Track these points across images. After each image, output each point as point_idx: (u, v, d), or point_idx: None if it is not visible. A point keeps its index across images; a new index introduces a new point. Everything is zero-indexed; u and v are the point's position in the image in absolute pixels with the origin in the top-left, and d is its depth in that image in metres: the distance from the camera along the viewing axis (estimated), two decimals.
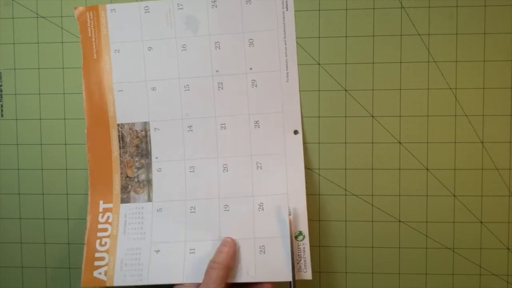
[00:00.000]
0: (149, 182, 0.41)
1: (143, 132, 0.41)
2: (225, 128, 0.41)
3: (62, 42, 0.43)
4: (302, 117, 0.41)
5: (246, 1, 0.41)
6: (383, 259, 0.41)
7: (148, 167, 0.41)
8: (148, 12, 0.41)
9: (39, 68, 0.43)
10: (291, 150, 0.40)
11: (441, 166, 0.41)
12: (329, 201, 0.41)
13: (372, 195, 0.41)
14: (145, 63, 0.41)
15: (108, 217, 0.41)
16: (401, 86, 0.41)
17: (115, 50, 0.41)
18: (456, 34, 0.40)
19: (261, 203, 0.40)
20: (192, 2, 0.41)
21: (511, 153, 0.40)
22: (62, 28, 0.42)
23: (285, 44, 0.41)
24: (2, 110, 0.43)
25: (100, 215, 0.41)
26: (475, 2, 0.40)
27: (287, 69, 0.41)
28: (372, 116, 0.41)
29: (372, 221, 0.41)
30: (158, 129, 0.41)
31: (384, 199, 0.41)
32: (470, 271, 0.41)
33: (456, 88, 0.40)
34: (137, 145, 0.41)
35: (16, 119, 0.43)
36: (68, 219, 0.43)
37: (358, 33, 0.41)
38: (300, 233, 0.39)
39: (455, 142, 0.40)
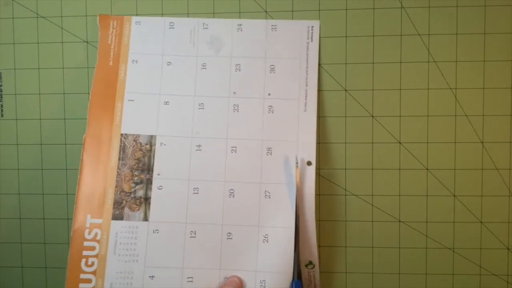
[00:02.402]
0: (146, 199, 0.39)
1: (148, 146, 0.40)
2: (235, 152, 0.39)
3: (62, 42, 0.42)
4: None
5: (272, 28, 0.40)
6: (383, 259, 0.41)
7: (147, 183, 0.39)
8: (173, 28, 0.41)
9: (39, 68, 0.43)
10: (302, 181, 0.39)
11: (441, 166, 0.41)
12: (329, 201, 0.41)
13: (372, 195, 0.41)
14: (162, 77, 0.40)
15: (96, 234, 0.38)
16: (401, 86, 0.41)
17: (133, 60, 0.41)
18: (456, 34, 0.40)
19: (266, 234, 0.38)
20: (218, 23, 0.41)
21: (511, 153, 0.40)
22: (62, 28, 0.42)
23: (307, 74, 0.40)
24: (2, 110, 0.43)
25: (87, 230, 0.38)
26: (475, 2, 0.40)
27: (306, 99, 0.40)
28: (372, 116, 0.41)
29: (372, 221, 0.41)
30: (165, 144, 0.39)
31: (384, 199, 0.41)
32: (470, 271, 0.41)
33: (456, 88, 0.40)
34: (139, 158, 0.39)
35: (16, 119, 0.43)
36: (68, 219, 0.43)
37: (358, 33, 0.41)
38: (310, 262, 0.38)
39: (455, 142, 0.40)
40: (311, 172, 0.39)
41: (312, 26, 0.40)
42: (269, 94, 0.40)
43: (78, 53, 0.42)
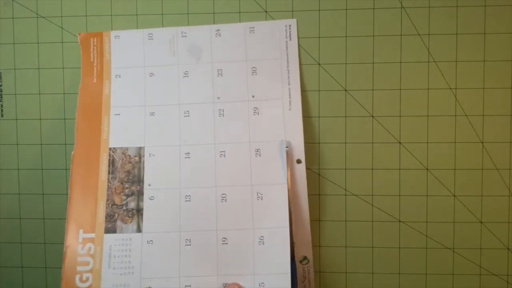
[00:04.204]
0: (139, 211, 0.39)
1: (137, 158, 0.40)
2: (224, 156, 0.39)
3: (62, 42, 0.43)
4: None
5: (250, 30, 0.41)
6: (383, 259, 0.41)
7: (139, 194, 0.39)
8: (152, 39, 0.41)
9: (39, 68, 0.43)
10: (293, 179, 0.39)
11: (441, 166, 0.41)
12: (329, 201, 0.41)
13: (372, 195, 0.41)
14: (145, 89, 0.41)
15: (89, 249, 0.38)
16: (401, 86, 0.41)
17: (116, 75, 0.41)
18: (456, 34, 0.40)
19: (262, 236, 0.38)
20: (196, 30, 0.41)
21: (511, 153, 0.40)
22: (62, 28, 0.42)
23: (288, 73, 0.40)
24: (2, 110, 0.43)
25: (80, 246, 0.38)
26: (475, 2, 0.40)
27: (290, 98, 0.40)
28: (372, 116, 0.41)
29: (372, 221, 0.41)
30: (153, 155, 0.40)
31: (384, 199, 0.41)
32: (470, 271, 0.41)
33: (456, 88, 0.40)
34: (129, 170, 0.39)
35: (16, 119, 0.43)
36: None
37: (358, 33, 0.41)
38: (305, 258, 0.39)
39: (455, 142, 0.40)
40: (301, 170, 0.39)
41: (290, 25, 0.41)
42: (253, 96, 0.40)
43: (78, 53, 0.42)
